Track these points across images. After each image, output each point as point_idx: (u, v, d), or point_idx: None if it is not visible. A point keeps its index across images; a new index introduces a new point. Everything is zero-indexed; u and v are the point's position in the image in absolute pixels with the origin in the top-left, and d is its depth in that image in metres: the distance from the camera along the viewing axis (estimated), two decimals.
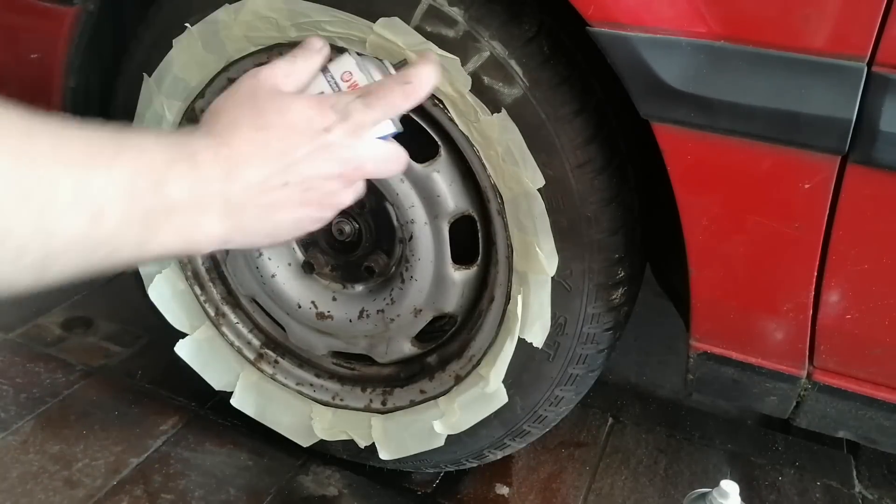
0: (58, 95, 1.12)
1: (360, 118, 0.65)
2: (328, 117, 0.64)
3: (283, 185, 0.61)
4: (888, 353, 0.80)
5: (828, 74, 0.68)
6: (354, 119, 0.65)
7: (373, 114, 0.66)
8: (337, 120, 0.64)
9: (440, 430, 1.07)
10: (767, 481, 1.29)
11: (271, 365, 1.22)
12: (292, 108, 0.63)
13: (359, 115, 0.65)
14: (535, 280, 0.94)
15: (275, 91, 0.66)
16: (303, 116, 0.63)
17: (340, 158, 0.64)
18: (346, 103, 0.65)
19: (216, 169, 0.57)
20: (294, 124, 0.63)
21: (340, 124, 0.64)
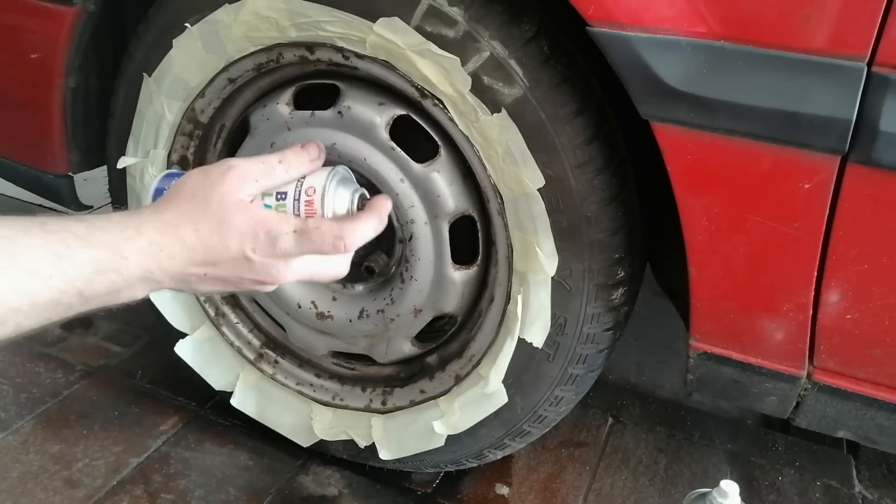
0: (58, 95, 1.12)
1: (286, 251, 0.73)
2: (259, 240, 0.72)
3: (203, 275, 0.71)
4: (888, 353, 0.80)
5: (828, 74, 0.68)
6: (281, 251, 0.73)
7: (298, 251, 0.73)
8: (265, 244, 0.72)
9: (440, 430, 1.07)
10: (767, 481, 1.29)
11: (271, 365, 1.22)
12: (231, 223, 0.71)
13: (285, 248, 0.73)
14: (535, 280, 0.94)
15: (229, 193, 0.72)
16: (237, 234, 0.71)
17: (258, 273, 0.73)
18: (279, 232, 0.72)
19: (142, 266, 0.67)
20: (225, 238, 0.71)
21: (267, 250, 0.72)
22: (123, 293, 0.67)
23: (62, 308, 0.62)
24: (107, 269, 0.64)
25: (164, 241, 0.68)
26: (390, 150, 0.95)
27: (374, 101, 0.96)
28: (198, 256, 0.70)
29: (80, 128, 1.17)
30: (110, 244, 0.65)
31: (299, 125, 0.99)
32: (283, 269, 0.74)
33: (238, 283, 0.74)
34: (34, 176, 1.25)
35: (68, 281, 0.62)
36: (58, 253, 0.62)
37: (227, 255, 0.71)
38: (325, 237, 0.73)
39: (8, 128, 1.25)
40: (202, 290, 0.74)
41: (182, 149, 1.11)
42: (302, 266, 0.75)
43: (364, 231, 0.77)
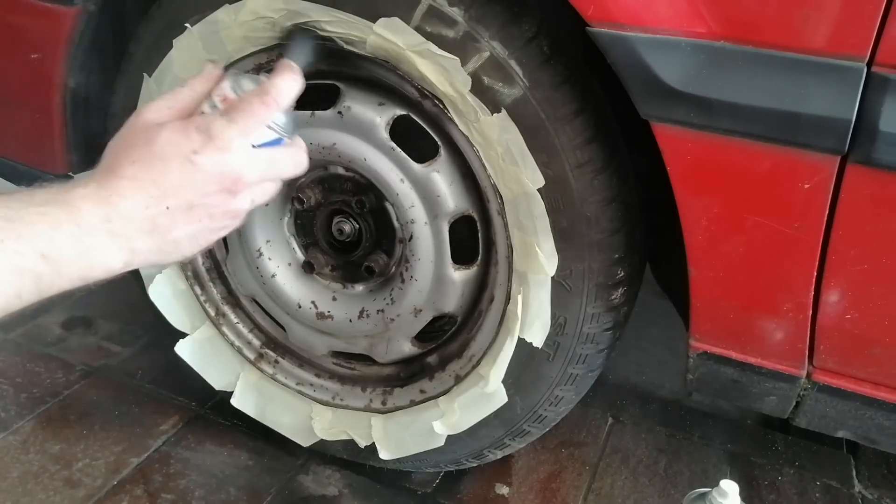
0: (58, 95, 1.12)
1: (223, 134, 0.68)
2: (193, 139, 0.68)
3: (165, 209, 0.66)
4: (888, 353, 0.80)
5: (828, 74, 0.68)
6: (218, 136, 0.68)
7: (236, 127, 0.69)
8: (202, 140, 0.68)
9: (440, 429, 1.07)
10: (767, 481, 1.29)
11: (271, 365, 1.22)
12: (158, 138, 0.68)
13: (222, 131, 0.68)
14: (534, 280, 0.94)
15: (148, 124, 0.70)
16: (168, 143, 0.67)
17: (214, 175, 0.68)
18: (209, 123, 0.69)
19: (97, 214, 0.63)
20: (161, 152, 0.67)
21: (206, 144, 0.68)
22: (94, 255, 0.63)
23: (30, 277, 0.59)
24: (61, 222, 0.61)
25: (109, 182, 0.65)
26: (390, 150, 0.95)
27: (374, 102, 0.96)
28: (146, 185, 0.66)
29: (80, 128, 1.17)
30: (55, 198, 0.62)
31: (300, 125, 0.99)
32: (234, 163, 0.68)
33: (207, 204, 0.68)
34: (34, 176, 1.25)
35: (24, 243, 0.58)
36: (5, 216, 0.58)
37: (172, 170, 0.66)
38: (250, 101, 0.71)
39: (8, 128, 1.25)
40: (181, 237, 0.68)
41: None
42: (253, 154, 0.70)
43: (285, 83, 0.73)
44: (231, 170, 0.68)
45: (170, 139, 0.67)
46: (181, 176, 0.67)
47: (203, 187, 0.68)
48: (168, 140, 0.67)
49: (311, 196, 1.06)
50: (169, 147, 0.67)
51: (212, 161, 0.67)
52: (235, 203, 0.70)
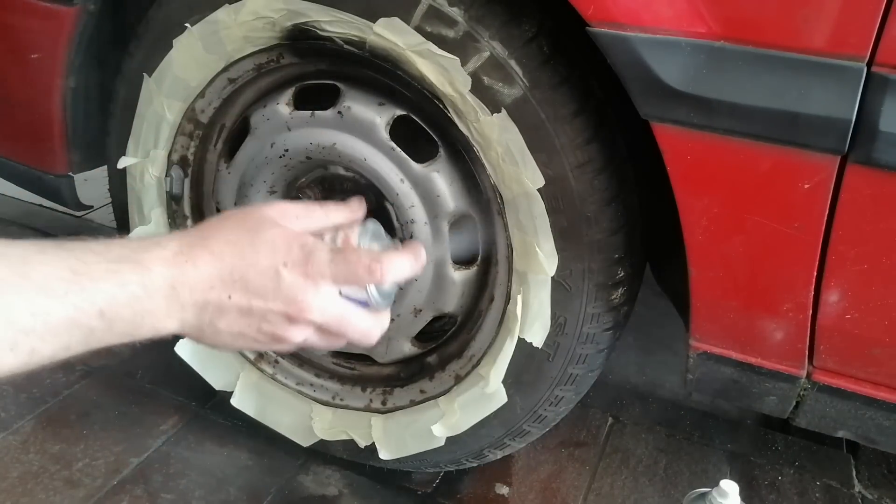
0: (58, 95, 1.12)
1: (319, 267, 0.67)
2: (292, 253, 0.67)
3: (227, 297, 0.65)
4: (888, 353, 0.80)
5: (828, 74, 0.68)
6: (314, 265, 0.67)
7: (334, 269, 0.68)
8: (299, 259, 0.67)
9: (440, 430, 1.07)
10: (767, 481, 1.29)
11: (271, 365, 1.22)
12: (265, 234, 0.67)
13: (320, 265, 0.67)
14: (534, 280, 0.94)
15: (266, 217, 0.69)
16: (269, 243, 0.66)
17: (287, 295, 0.67)
18: (315, 248, 0.68)
19: (164, 276, 0.62)
20: (257, 247, 0.66)
21: (299, 264, 0.67)
22: (148, 317, 0.61)
23: (82, 332, 0.57)
24: (129, 282, 0.59)
25: (192, 250, 0.64)
26: (390, 150, 0.95)
27: (374, 102, 0.96)
28: (225, 267, 0.64)
29: (80, 128, 1.17)
30: (130, 256, 0.61)
31: (299, 125, 0.99)
32: (311, 297, 0.67)
33: (264, 317, 0.67)
34: (34, 176, 1.25)
35: (86, 297, 0.57)
36: (74, 269, 0.57)
37: (257, 267, 0.65)
38: (360, 259, 0.69)
39: (8, 128, 1.25)
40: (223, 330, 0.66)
41: (182, 149, 1.11)
42: (332, 301, 0.69)
43: (401, 264, 0.72)
44: (304, 300, 0.67)
45: (273, 241, 0.67)
46: (259, 277, 0.65)
47: (271, 299, 0.66)
48: (271, 240, 0.67)
49: (311, 196, 1.06)
50: (267, 247, 0.66)
51: (294, 282, 0.66)
52: (288, 331, 0.68)
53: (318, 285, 0.68)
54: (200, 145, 1.11)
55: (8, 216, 2.00)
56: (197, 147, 1.11)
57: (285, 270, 0.66)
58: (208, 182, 1.15)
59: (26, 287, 0.54)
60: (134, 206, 1.17)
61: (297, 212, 0.72)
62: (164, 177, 1.13)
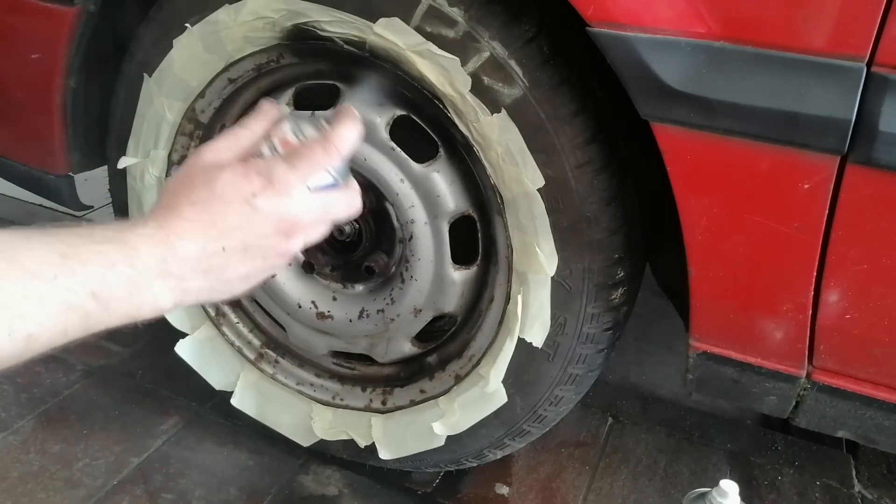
0: (58, 95, 1.12)
1: (283, 179, 0.69)
2: (253, 182, 0.68)
3: (221, 250, 0.67)
4: (888, 353, 0.80)
5: (827, 74, 0.68)
6: (278, 180, 0.69)
7: (296, 173, 0.70)
8: (262, 184, 0.69)
9: (440, 429, 1.08)
10: (767, 481, 1.29)
11: (271, 365, 1.22)
12: (219, 179, 0.68)
13: (282, 175, 0.69)
14: (534, 280, 0.94)
15: (209, 165, 0.71)
16: (229, 185, 0.68)
17: (271, 218, 0.69)
18: (270, 167, 0.70)
19: (153, 254, 0.63)
20: (221, 194, 0.68)
21: (266, 188, 0.69)
22: (145, 295, 0.62)
23: (78, 315, 0.58)
24: (117, 262, 0.60)
25: (168, 222, 0.65)
26: (390, 150, 0.96)
27: (374, 102, 0.96)
28: (205, 226, 0.66)
29: (81, 128, 1.17)
30: (114, 237, 0.62)
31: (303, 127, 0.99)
32: (293, 207, 0.69)
33: (264, 246, 0.69)
34: (34, 176, 1.25)
35: (77, 280, 0.58)
36: (61, 252, 0.58)
37: (232, 212, 0.67)
38: (314, 148, 0.72)
39: (8, 128, 1.25)
40: (233, 277, 0.69)
41: (182, 149, 1.11)
42: (309, 198, 0.71)
43: (346, 132, 0.74)
44: (289, 213, 0.69)
45: (230, 181, 0.68)
46: (239, 218, 0.67)
47: (260, 229, 0.68)
48: (229, 182, 0.68)
49: None
50: (229, 189, 0.68)
51: (271, 204, 0.68)
52: (289, 245, 0.71)
53: (292, 194, 0.70)
54: (201, 145, 1.11)
55: (8, 216, 2.00)
56: (197, 147, 1.11)
57: (257, 200, 0.68)
58: None
59: (14, 272, 0.55)
60: (134, 206, 1.17)
61: (226, 144, 0.73)
62: (164, 177, 1.13)
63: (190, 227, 0.66)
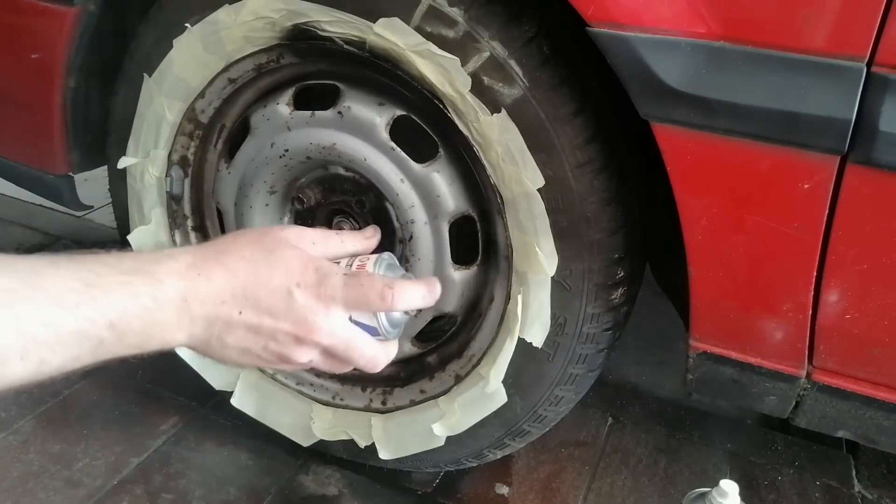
0: (58, 95, 1.12)
1: (333, 291, 0.68)
2: (307, 275, 0.67)
3: (237, 314, 0.65)
4: (888, 353, 0.80)
5: (827, 74, 0.68)
6: (328, 288, 0.67)
7: (346, 292, 0.68)
8: (313, 281, 0.67)
9: (440, 430, 1.08)
10: (767, 481, 1.29)
11: None
12: (281, 253, 0.67)
13: (334, 288, 0.68)
14: (534, 280, 0.94)
15: (283, 239, 0.69)
16: (284, 263, 0.67)
17: (297, 315, 0.67)
18: (330, 271, 0.68)
19: (176, 289, 0.62)
20: (272, 265, 0.66)
21: (313, 286, 0.67)
22: (157, 328, 0.62)
23: (92, 343, 0.57)
24: (140, 294, 0.59)
25: (205, 264, 0.64)
26: (390, 150, 0.96)
27: (374, 102, 0.96)
28: (237, 283, 0.64)
29: (81, 128, 1.17)
30: (142, 268, 0.61)
31: (299, 125, 0.99)
32: (322, 320, 0.67)
33: (273, 336, 0.67)
34: (34, 176, 1.25)
35: (98, 309, 0.57)
36: (86, 280, 0.57)
37: (270, 286, 0.65)
38: (374, 284, 0.69)
39: (8, 128, 1.25)
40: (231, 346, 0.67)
41: (182, 149, 1.11)
42: (341, 325, 0.69)
43: (413, 293, 0.72)
44: (313, 322, 0.67)
45: (288, 261, 0.67)
46: (271, 297, 0.66)
47: (281, 319, 0.66)
48: (286, 260, 0.67)
49: (311, 196, 1.06)
50: (282, 266, 0.66)
51: (307, 302, 0.66)
52: (295, 351, 0.69)
53: (329, 308, 0.68)
54: (200, 145, 1.12)
55: (8, 216, 2.00)
56: (197, 147, 1.11)
57: (298, 291, 0.66)
58: (208, 182, 1.15)
59: (37, 298, 0.54)
60: (134, 205, 1.17)
61: (314, 237, 0.72)
62: (164, 177, 1.13)
63: (223, 275, 0.64)
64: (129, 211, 1.18)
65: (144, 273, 0.61)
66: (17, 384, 0.55)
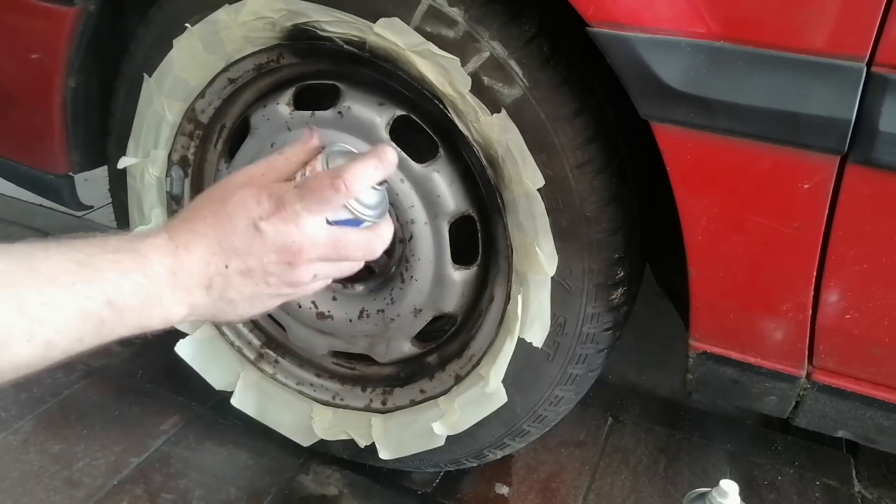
0: (58, 95, 1.12)
1: (291, 206, 0.69)
2: (263, 205, 0.68)
3: (224, 268, 0.67)
4: (887, 353, 0.80)
5: (827, 74, 0.68)
6: (286, 207, 0.69)
7: (304, 203, 0.69)
8: (270, 208, 0.68)
9: (440, 429, 1.08)
10: (767, 481, 1.29)
11: (271, 364, 1.22)
12: (233, 197, 0.69)
13: (291, 203, 0.69)
14: (534, 280, 0.94)
15: (234, 183, 0.71)
16: (240, 204, 0.68)
17: (274, 244, 0.68)
18: (282, 192, 0.69)
19: (164, 264, 0.64)
20: (231, 212, 0.68)
21: (273, 213, 0.68)
22: (155, 305, 0.63)
23: (93, 323, 0.59)
24: (130, 270, 0.61)
25: (178, 234, 0.66)
26: None
27: (374, 102, 0.96)
28: (212, 241, 0.66)
29: (81, 128, 1.17)
30: (126, 246, 0.63)
31: (300, 125, 0.99)
32: (297, 236, 0.68)
33: (265, 271, 0.68)
34: (34, 176, 1.25)
35: (93, 287, 0.58)
36: (77, 261, 0.59)
37: (238, 230, 0.67)
38: (322, 181, 0.70)
39: (8, 128, 1.25)
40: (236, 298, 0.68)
41: (182, 149, 1.11)
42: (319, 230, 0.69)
43: (364, 170, 0.71)
44: (292, 242, 0.68)
45: (242, 200, 0.68)
46: (244, 239, 0.67)
47: (262, 254, 0.68)
48: (240, 201, 0.68)
49: None
50: (240, 208, 0.68)
51: (275, 230, 0.68)
52: (294, 274, 0.70)
53: (298, 223, 0.69)
54: (201, 145, 1.12)
55: (8, 216, 2.00)
56: (197, 147, 1.11)
57: (263, 223, 0.68)
58: (209, 182, 1.15)
59: (34, 279, 0.56)
60: (134, 205, 1.17)
61: (260, 169, 0.73)
62: (164, 177, 1.13)
63: (197, 240, 0.66)
64: (129, 211, 1.18)
65: (131, 251, 0.63)
66: (25, 369, 0.56)
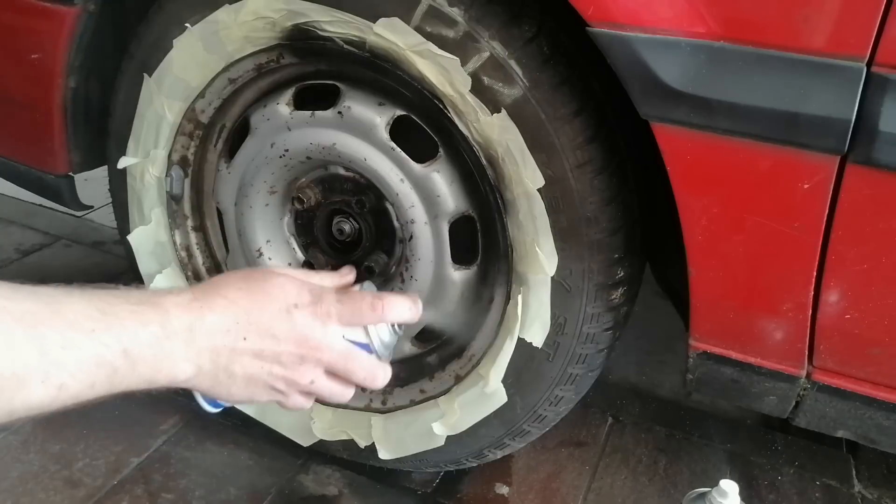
0: (58, 95, 1.12)
1: (328, 307, 0.72)
2: (302, 296, 0.71)
3: (242, 340, 0.68)
4: (887, 353, 0.80)
5: (827, 74, 0.68)
6: (324, 305, 0.72)
7: (341, 308, 0.73)
8: (309, 301, 0.71)
9: (440, 429, 1.08)
10: (767, 481, 1.29)
11: None
12: (275, 280, 0.71)
13: (329, 304, 0.72)
14: (534, 280, 0.94)
15: (274, 273, 0.73)
16: (280, 288, 0.71)
17: (299, 333, 0.70)
18: (322, 292, 0.73)
19: (183, 320, 0.65)
20: (269, 291, 0.70)
21: (310, 305, 0.71)
22: (166, 361, 0.64)
23: (106, 371, 0.60)
24: (150, 322, 0.62)
25: (205, 296, 0.67)
26: (390, 150, 0.96)
27: (374, 102, 0.96)
28: (239, 311, 0.68)
29: (81, 128, 1.17)
30: (150, 300, 0.64)
31: (299, 125, 0.99)
32: (321, 335, 0.71)
33: (277, 359, 0.70)
34: (34, 176, 1.25)
35: (112, 335, 0.60)
36: (100, 308, 0.60)
37: (270, 309, 0.69)
38: (364, 296, 0.75)
39: (8, 128, 1.25)
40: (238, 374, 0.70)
41: (182, 149, 1.11)
42: (338, 340, 0.73)
43: (400, 305, 0.78)
44: (314, 338, 0.71)
45: (283, 286, 0.71)
46: (273, 319, 0.69)
47: (282, 339, 0.70)
48: (281, 286, 0.71)
49: (311, 196, 1.06)
50: (278, 290, 0.70)
51: (305, 321, 0.70)
52: (298, 372, 0.72)
53: (326, 325, 0.72)
54: (200, 145, 1.12)
55: (8, 216, 2.00)
56: (197, 147, 1.11)
57: (296, 311, 0.70)
58: (208, 182, 1.15)
59: (58, 322, 0.57)
60: (134, 205, 1.17)
61: (300, 273, 0.77)
62: (164, 177, 1.13)
63: (225, 305, 0.68)
64: (129, 211, 1.18)
65: (152, 304, 0.64)
66: (36, 410, 0.57)
